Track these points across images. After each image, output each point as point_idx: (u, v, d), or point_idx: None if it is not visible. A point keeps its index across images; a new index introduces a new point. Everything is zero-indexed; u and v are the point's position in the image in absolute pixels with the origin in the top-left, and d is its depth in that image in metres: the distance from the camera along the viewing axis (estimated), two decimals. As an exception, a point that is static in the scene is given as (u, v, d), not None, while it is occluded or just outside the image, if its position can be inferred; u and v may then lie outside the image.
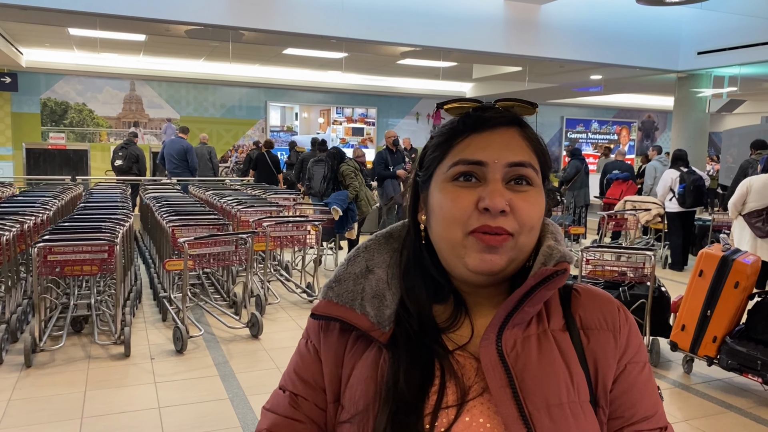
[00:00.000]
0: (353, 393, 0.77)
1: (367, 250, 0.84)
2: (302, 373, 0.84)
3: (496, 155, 0.75)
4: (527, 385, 0.72)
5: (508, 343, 0.75)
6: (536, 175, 0.77)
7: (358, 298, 0.80)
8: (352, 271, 0.82)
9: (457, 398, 0.73)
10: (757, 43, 8.62)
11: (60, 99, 13.44)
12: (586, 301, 0.81)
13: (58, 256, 4.03)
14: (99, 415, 3.28)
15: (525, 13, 8.79)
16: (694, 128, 10.44)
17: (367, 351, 0.79)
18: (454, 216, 0.74)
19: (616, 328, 0.80)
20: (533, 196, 0.75)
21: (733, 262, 3.72)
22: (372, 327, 0.78)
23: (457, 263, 0.76)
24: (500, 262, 0.74)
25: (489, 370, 0.73)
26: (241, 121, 15.02)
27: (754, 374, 3.59)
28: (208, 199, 7.29)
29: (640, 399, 0.79)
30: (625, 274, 4.44)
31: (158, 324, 4.93)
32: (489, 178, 0.74)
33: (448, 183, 0.76)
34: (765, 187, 5.67)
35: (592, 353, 0.78)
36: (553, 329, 0.78)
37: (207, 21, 7.39)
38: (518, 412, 0.70)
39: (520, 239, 0.74)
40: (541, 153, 0.79)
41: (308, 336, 0.86)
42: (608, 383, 0.78)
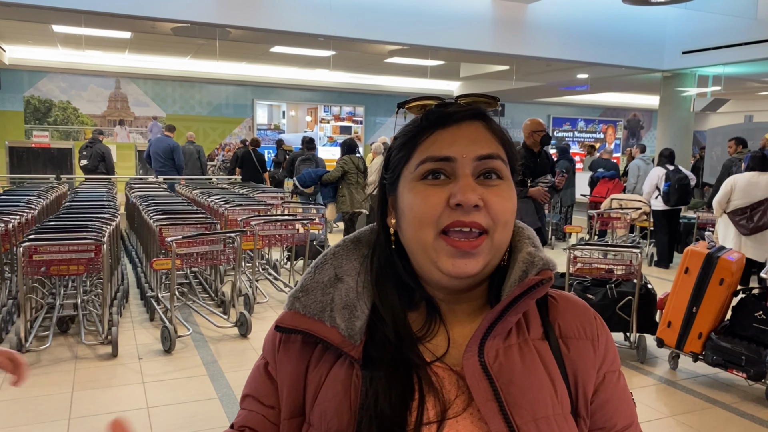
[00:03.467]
0: (324, 411, 0.72)
1: (335, 257, 0.79)
2: (253, 390, 0.81)
3: (463, 150, 0.72)
4: (513, 397, 0.70)
5: (490, 355, 0.72)
6: (505, 167, 0.75)
7: (328, 309, 0.75)
8: (319, 280, 0.77)
9: (438, 413, 0.70)
10: (740, 42, 8.72)
11: (44, 97, 13.29)
12: (564, 309, 0.80)
13: (43, 256, 3.98)
14: (86, 415, 3.25)
15: (512, 12, 8.83)
16: (678, 127, 10.55)
17: (336, 366, 0.74)
18: (425, 215, 0.71)
19: (594, 337, 0.79)
20: (505, 190, 0.74)
21: (718, 260, 3.77)
22: (343, 341, 0.73)
23: (430, 267, 0.73)
24: (477, 266, 0.71)
25: (473, 383, 0.70)
26: (228, 120, 14.94)
27: (738, 370, 3.64)
28: (196, 198, 7.25)
29: (619, 409, 0.79)
30: (612, 271, 4.48)
31: (146, 324, 4.90)
32: (459, 174, 0.72)
33: (417, 182, 0.73)
34: (749, 185, 5.75)
35: (572, 363, 0.76)
36: (533, 338, 0.76)
37: (193, 19, 7.34)
38: (507, 427, 0.68)
39: (495, 236, 0.72)
40: (508, 145, 0.77)
41: (263, 351, 0.83)
42: (589, 393, 0.77)
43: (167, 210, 5.61)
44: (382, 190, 0.80)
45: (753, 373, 3.59)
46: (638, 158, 9.40)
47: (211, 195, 7.04)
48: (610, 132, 19.44)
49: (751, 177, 5.83)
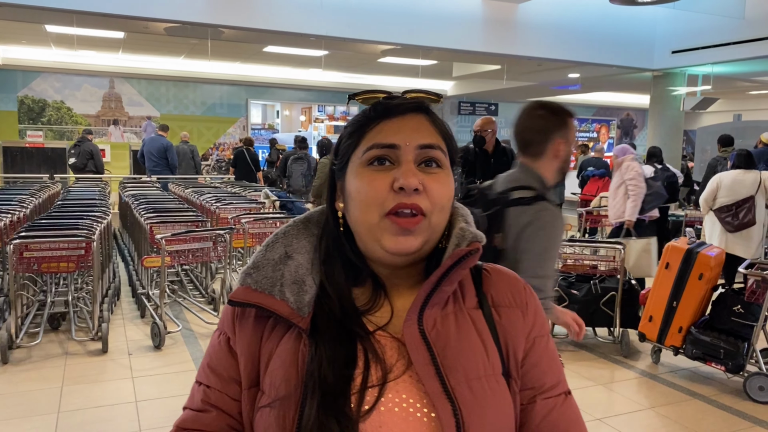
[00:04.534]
0: (273, 379, 0.78)
1: (285, 236, 0.85)
2: (215, 365, 0.84)
3: (407, 138, 0.79)
4: (449, 361, 0.77)
5: (428, 323, 0.79)
6: (445, 157, 0.81)
7: (278, 284, 0.80)
8: (270, 258, 0.83)
9: (380, 377, 0.76)
10: (728, 42, 8.81)
11: (37, 97, 13.30)
12: (496, 281, 0.87)
13: (34, 253, 4.03)
14: (76, 409, 3.30)
15: (503, 12, 8.90)
16: (669, 126, 10.64)
17: (286, 336, 0.80)
18: (371, 198, 0.78)
19: (524, 305, 0.86)
20: (443, 178, 0.80)
21: (698, 255, 3.84)
22: (292, 312, 0.78)
23: (374, 246, 0.79)
24: (415, 243, 0.78)
25: (413, 348, 0.77)
26: (222, 119, 14.98)
27: (717, 362, 3.71)
28: (188, 197, 7.30)
29: (548, 370, 0.85)
30: (596, 267, 4.55)
31: (136, 320, 4.95)
32: (402, 160, 0.78)
33: (364, 168, 0.80)
34: (734, 183, 5.82)
35: (504, 329, 0.83)
36: (468, 307, 0.83)
37: (186, 19, 7.39)
38: (442, 387, 0.74)
39: (433, 218, 0.78)
40: (448, 138, 0.84)
41: (220, 327, 0.86)
42: (519, 356, 0.83)
43: (158, 208, 5.66)
44: (331, 176, 0.86)
45: (731, 366, 3.66)
46: (629, 157, 9.48)
47: (203, 194, 7.09)
48: (603, 131, 19.54)
49: (737, 175, 5.89)
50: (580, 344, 4.59)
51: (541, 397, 0.84)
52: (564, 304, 4.39)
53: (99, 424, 3.14)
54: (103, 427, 3.11)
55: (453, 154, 0.84)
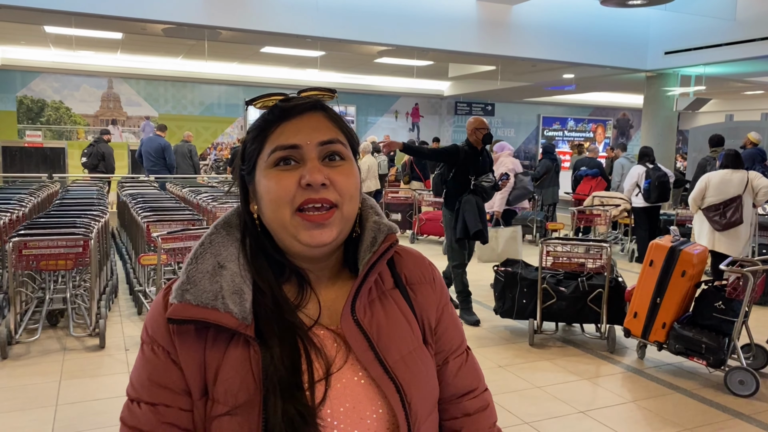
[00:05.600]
0: (229, 387, 0.79)
1: (212, 245, 0.86)
2: (159, 379, 0.82)
3: (307, 137, 0.83)
4: (383, 343, 0.84)
5: (360, 312, 0.85)
6: (346, 149, 0.86)
7: (219, 297, 0.81)
8: (203, 270, 0.83)
9: (325, 370, 0.81)
10: (720, 43, 8.91)
11: (36, 97, 13.40)
12: (407, 261, 0.96)
13: (33, 251, 4.12)
14: (73, 402, 3.40)
15: (497, 13, 8.99)
16: (662, 126, 10.75)
17: (231, 346, 0.81)
18: (280, 197, 0.82)
19: (431, 279, 0.96)
20: (347, 169, 0.85)
21: (681, 252, 3.94)
22: (239, 324, 0.80)
23: (292, 241, 0.83)
24: (331, 235, 0.83)
25: (352, 339, 0.83)
26: (219, 119, 15.08)
27: (699, 357, 3.81)
28: (185, 196, 7.39)
29: (454, 333, 0.97)
30: (584, 265, 4.64)
31: (134, 318, 5.04)
32: (306, 158, 0.83)
33: (270, 169, 0.83)
34: (722, 183, 5.92)
35: (419, 304, 0.93)
36: (387, 289, 0.91)
37: (183, 20, 7.48)
38: (383, 369, 0.82)
39: (344, 209, 0.84)
40: (347, 130, 0.88)
41: (153, 341, 0.84)
42: (433, 325, 0.94)
43: (155, 207, 5.75)
44: (242, 181, 0.89)
45: (712, 360, 3.76)
46: (622, 157, 9.59)
47: (200, 193, 7.18)
48: (599, 131, 19.64)
49: (725, 174, 5.99)
50: (568, 340, 4.69)
51: (452, 357, 0.96)
52: (552, 302, 4.49)
53: (96, 417, 3.24)
54: (99, 420, 3.20)
55: (354, 144, 0.90)
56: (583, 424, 3.27)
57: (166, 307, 0.83)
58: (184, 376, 0.82)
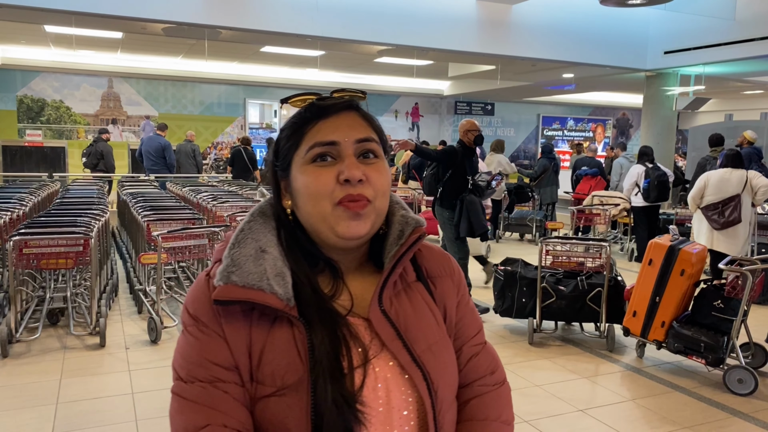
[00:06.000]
0: (276, 368, 0.81)
1: (251, 231, 0.89)
2: (212, 357, 0.84)
3: (345, 134, 0.87)
4: (411, 333, 0.88)
5: (387, 303, 0.89)
6: (379, 148, 0.90)
7: (265, 279, 0.83)
8: (246, 253, 0.86)
9: (361, 357, 0.84)
10: (719, 43, 8.92)
11: (36, 96, 13.40)
12: (428, 256, 1.00)
13: (33, 250, 4.13)
14: (73, 400, 3.40)
15: (497, 13, 9.00)
16: (662, 125, 10.75)
17: (275, 326, 0.84)
18: (320, 192, 0.85)
19: (451, 272, 1.01)
20: (381, 167, 0.89)
21: (680, 251, 3.95)
22: (283, 305, 0.83)
23: (328, 233, 0.86)
24: (366, 227, 0.86)
25: (380, 328, 0.87)
26: (220, 119, 15.08)
27: (698, 356, 3.82)
28: (185, 195, 7.39)
29: (471, 322, 1.01)
30: (583, 264, 4.65)
31: (134, 316, 5.05)
32: (344, 155, 0.86)
33: (308, 165, 0.86)
34: (721, 182, 5.93)
35: (440, 296, 0.97)
36: (410, 281, 0.94)
37: (183, 19, 7.49)
38: (410, 357, 0.86)
39: (377, 203, 0.87)
40: (379, 130, 0.93)
41: (198, 322, 0.86)
42: (453, 316, 0.98)
43: (156, 207, 5.76)
44: (274, 176, 0.93)
45: (711, 359, 3.77)
46: (622, 156, 9.59)
47: (200, 192, 7.18)
48: (599, 131, 19.65)
49: (724, 173, 6.01)
50: (567, 339, 4.70)
51: (467, 345, 0.99)
52: (551, 300, 4.50)
53: (96, 415, 3.25)
54: (100, 418, 3.21)
55: (385, 143, 0.93)
56: (582, 423, 3.28)
57: (209, 287, 0.86)
58: (233, 355, 0.84)
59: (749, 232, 5.89)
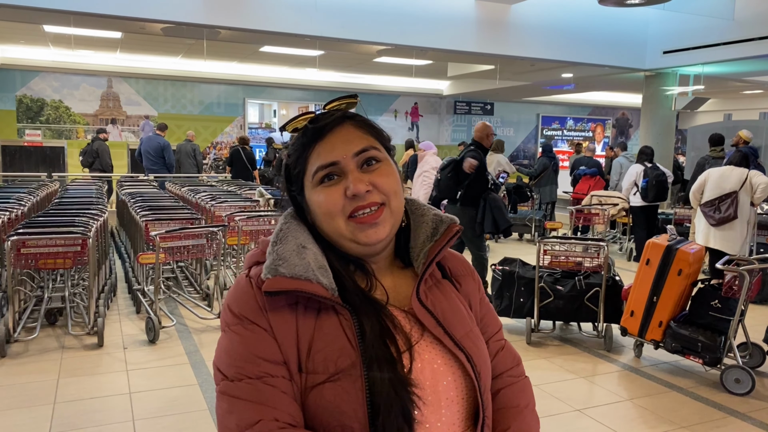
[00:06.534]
0: (328, 354, 0.84)
1: (290, 230, 0.93)
2: (258, 352, 0.86)
3: (342, 152, 0.90)
4: (449, 322, 0.94)
5: (423, 295, 0.94)
6: (380, 151, 0.93)
7: (311, 270, 0.87)
8: (289, 249, 0.89)
9: (405, 342, 0.89)
10: (718, 43, 8.92)
11: (36, 96, 13.40)
12: (450, 257, 1.06)
13: (31, 249, 4.13)
14: (71, 400, 3.41)
15: (495, 12, 9.00)
16: (661, 125, 10.75)
17: (322, 315, 0.87)
18: (331, 210, 0.90)
19: (472, 272, 1.08)
20: (385, 169, 0.93)
21: (677, 251, 3.95)
22: (329, 294, 0.87)
23: (350, 245, 0.91)
24: (385, 231, 0.91)
25: (422, 316, 0.92)
26: (219, 118, 15.08)
27: (695, 356, 3.82)
28: (184, 195, 7.40)
29: (492, 319, 1.09)
30: (581, 264, 4.65)
31: (132, 316, 5.05)
32: (346, 170, 0.90)
33: (317, 187, 0.91)
34: (720, 178, 5.95)
35: (465, 293, 1.04)
36: (439, 279, 1.00)
37: (182, 19, 7.48)
38: (452, 342, 0.91)
39: (392, 204, 0.92)
40: (377, 133, 0.96)
41: (243, 319, 0.88)
42: (478, 313, 1.05)
43: (154, 206, 5.76)
44: (293, 199, 0.97)
45: (709, 359, 3.77)
46: (621, 156, 9.59)
47: (199, 192, 7.19)
48: (599, 130, 19.64)
49: (725, 171, 6.03)
50: (565, 338, 4.70)
51: (491, 340, 1.07)
52: (549, 300, 4.50)
53: (94, 414, 3.25)
54: (97, 417, 3.22)
55: (386, 143, 0.96)
56: (580, 423, 3.28)
57: (251, 285, 0.90)
58: (280, 349, 0.86)
59: (747, 231, 5.89)
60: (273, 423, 0.82)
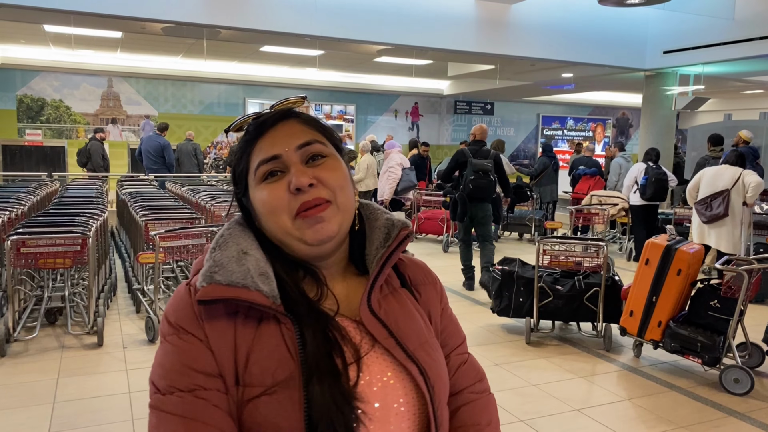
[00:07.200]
0: (265, 366, 0.80)
1: (232, 236, 0.88)
2: (192, 363, 0.81)
3: (284, 145, 0.87)
4: (402, 332, 0.88)
5: (375, 305, 0.89)
6: (326, 147, 0.90)
7: (249, 277, 0.83)
8: (228, 255, 0.85)
9: (353, 354, 0.84)
10: (718, 42, 8.92)
11: (36, 95, 13.41)
12: (410, 265, 1.01)
13: (31, 249, 4.14)
14: (71, 399, 3.41)
15: (496, 12, 9.00)
16: (661, 125, 10.76)
17: (262, 325, 0.83)
18: (275, 207, 0.85)
19: (434, 281, 1.03)
20: (331, 164, 0.88)
21: (676, 251, 3.95)
22: (269, 302, 0.82)
23: (298, 245, 0.87)
24: (332, 227, 0.86)
25: (372, 327, 0.87)
26: (219, 118, 15.09)
27: (694, 356, 3.82)
28: (184, 195, 7.40)
29: (454, 332, 1.03)
30: (580, 263, 4.66)
31: (132, 315, 5.06)
32: (289, 164, 0.86)
33: (260, 185, 0.87)
34: (714, 177, 6.02)
35: (425, 302, 0.99)
36: (396, 287, 0.96)
37: (182, 19, 7.49)
38: (405, 354, 0.86)
39: (338, 200, 0.87)
40: (324, 129, 0.92)
41: (179, 329, 0.83)
42: (438, 323, 0.99)
43: (154, 206, 5.76)
44: (240, 203, 0.93)
45: (708, 359, 3.77)
46: (619, 156, 9.58)
47: (199, 192, 7.19)
48: (599, 130, 19.64)
49: (719, 169, 6.08)
50: (564, 338, 4.71)
51: (453, 354, 1.01)
52: (548, 300, 4.51)
53: (93, 414, 3.25)
54: (97, 417, 3.22)
55: (335, 140, 0.93)
56: (579, 422, 3.29)
57: (190, 294, 0.84)
58: (216, 360, 0.81)
59: (741, 230, 5.95)
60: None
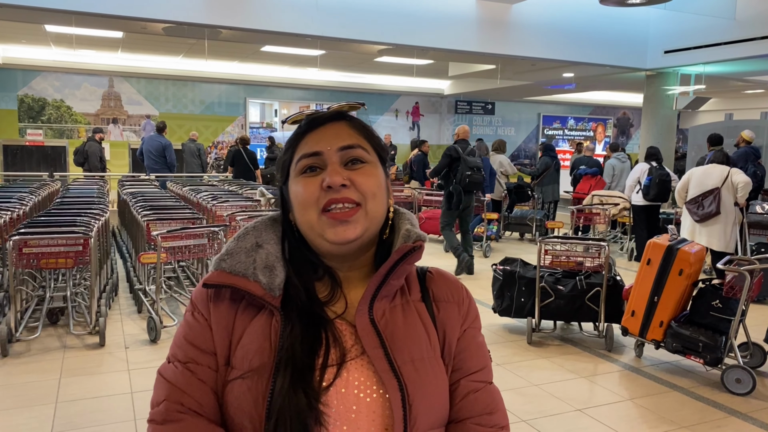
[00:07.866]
0: (246, 352, 0.86)
1: (255, 229, 0.94)
2: (192, 339, 0.90)
3: (328, 144, 0.90)
4: (396, 345, 0.88)
5: (378, 313, 0.90)
6: (368, 154, 0.92)
7: (251, 268, 0.89)
8: (242, 246, 0.92)
9: (339, 357, 0.86)
10: (719, 42, 8.92)
11: (37, 95, 13.42)
12: (437, 281, 1.00)
13: (33, 249, 4.14)
14: (73, 399, 3.41)
15: (496, 12, 9.00)
16: (662, 125, 10.75)
17: (258, 315, 0.89)
18: (306, 200, 0.88)
19: (460, 301, 0.99)
20: (368, 170, 0.90)
21: (678, 251, 3.95)
22: (265, 293, 0.87)
23: (320, 241, 0.89)
24: (355, 231, 0.88)
25: (363, 334, 0.87)
26: (220, 118, 15.09)
27: (696, 356, 3.82)
28: (185, 195, 7.40)
29: (473, 356, 0.97)
30: (582, 264, 4.66)
31: (134, 316, 5.06)
32: (327, 163, 0.89)
33: (299, 177, 0.90)
34: (702, 176, 6.07)
35: (442, 320, 0.96)
36: (413, 300, 0.95)
37: (183, 19, 7.49)
38: (389, 366, 0.86)
39: (368, 206, 0.89)
40: (371, 136, 0.94)
41: (194, 307, 0.92)
42: (453, 344, 0.96)
43: (155, 206, 5.76)
44: (281, 192, 0.97)
45: (709, 359, 3.77)
46: (613, 157, 9.57)
47: (200, 192, 7.19)
48: (600, 130, 19.64)
49: (707, 168, 6.12)
50: (566, 338, 4.71)
51: (465, 379, 0.95)
52: (550, 300, 4.51)
53: (95, 414, 3.26)
54: (99, 417, 3.22)
55: (380, 149, 0.95)
56: (580, 422, 3.29)
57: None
58: (213, 340, 0.89)
59: (732, 230, 5.98)
60: (176, 406, 0.86)
